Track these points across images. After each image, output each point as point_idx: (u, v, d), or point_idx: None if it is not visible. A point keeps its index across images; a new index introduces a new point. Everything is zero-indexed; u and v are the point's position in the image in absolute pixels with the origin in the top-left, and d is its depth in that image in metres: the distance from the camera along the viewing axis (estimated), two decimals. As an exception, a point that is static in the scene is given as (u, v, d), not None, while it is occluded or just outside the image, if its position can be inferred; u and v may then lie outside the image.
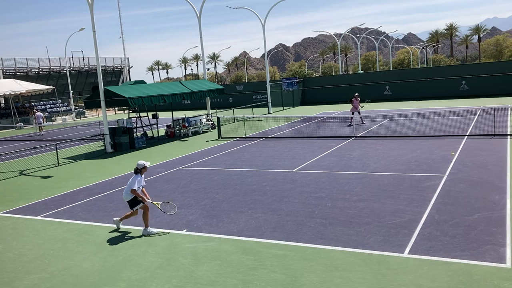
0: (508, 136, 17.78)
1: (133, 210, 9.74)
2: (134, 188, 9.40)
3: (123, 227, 10.04)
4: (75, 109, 52.27)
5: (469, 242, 7.78)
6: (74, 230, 10.19)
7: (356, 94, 25.87)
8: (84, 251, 8.79)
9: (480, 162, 13.71)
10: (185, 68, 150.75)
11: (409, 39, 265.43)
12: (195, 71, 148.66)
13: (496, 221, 8.65)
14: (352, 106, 25.05)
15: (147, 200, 9.63)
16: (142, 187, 9.67)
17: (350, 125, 24.29)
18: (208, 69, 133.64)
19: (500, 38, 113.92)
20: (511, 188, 10.75)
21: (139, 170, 9.61)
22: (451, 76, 39.94)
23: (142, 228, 9.62)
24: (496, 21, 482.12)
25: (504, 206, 9.52)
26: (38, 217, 11.44)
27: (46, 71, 56.91)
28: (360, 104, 25.12)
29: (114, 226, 10.11)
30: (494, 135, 18.19)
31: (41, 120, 36.13)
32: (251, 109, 37.07)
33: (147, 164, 9.78)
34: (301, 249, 8.06)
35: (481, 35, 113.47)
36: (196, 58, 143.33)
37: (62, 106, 52.07)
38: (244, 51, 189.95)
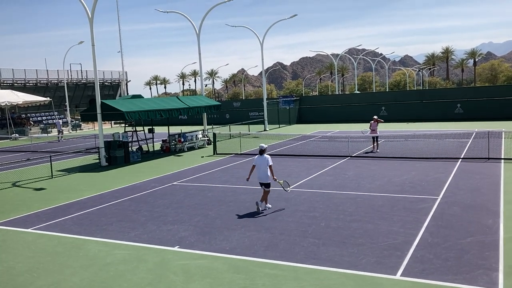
0: (502, 160, 17.88)
1: (269, 190, 11.71)
2: (271, 164, 11.57)
3: (118, 242, 9.97)
4: (71, 121, 52.23)
5: (462, 265, 7.76)
6: (65, 243, 10.10)
7: (375, 116, 22.73)
8: (74, 265, 8.68)
9: (474, 186, 13.76)
10: (183, 84, 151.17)
11: (406, 61, 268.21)
12: (193, 87, 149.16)
13: (489, 245, 8.64)
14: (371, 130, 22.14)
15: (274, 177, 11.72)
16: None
17: (372, 152, 21.69)
18: (206, 85, 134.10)
19: (495, 62, 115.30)
20: (504, 212, 10.77)
21: (263, 150, 11.77)
22: (447, 98, 40.32)
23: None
24: (491, 46, 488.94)
25: (497, 230, 9.53)
26: (29, 230, 11.34)
27: (44, 83, 57.02)
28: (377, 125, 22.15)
29: (106, 240, 10.03)
30: (488, 158, 18.29)
31: (61, 127, 38.62)
32: (248, 125, 37.14)
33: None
34: (293, 268, 8.00)
35: (477, 59, 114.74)
36: (194, 74, 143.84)
37: (59, 119, 52.01)
38: (242, 68, 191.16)
